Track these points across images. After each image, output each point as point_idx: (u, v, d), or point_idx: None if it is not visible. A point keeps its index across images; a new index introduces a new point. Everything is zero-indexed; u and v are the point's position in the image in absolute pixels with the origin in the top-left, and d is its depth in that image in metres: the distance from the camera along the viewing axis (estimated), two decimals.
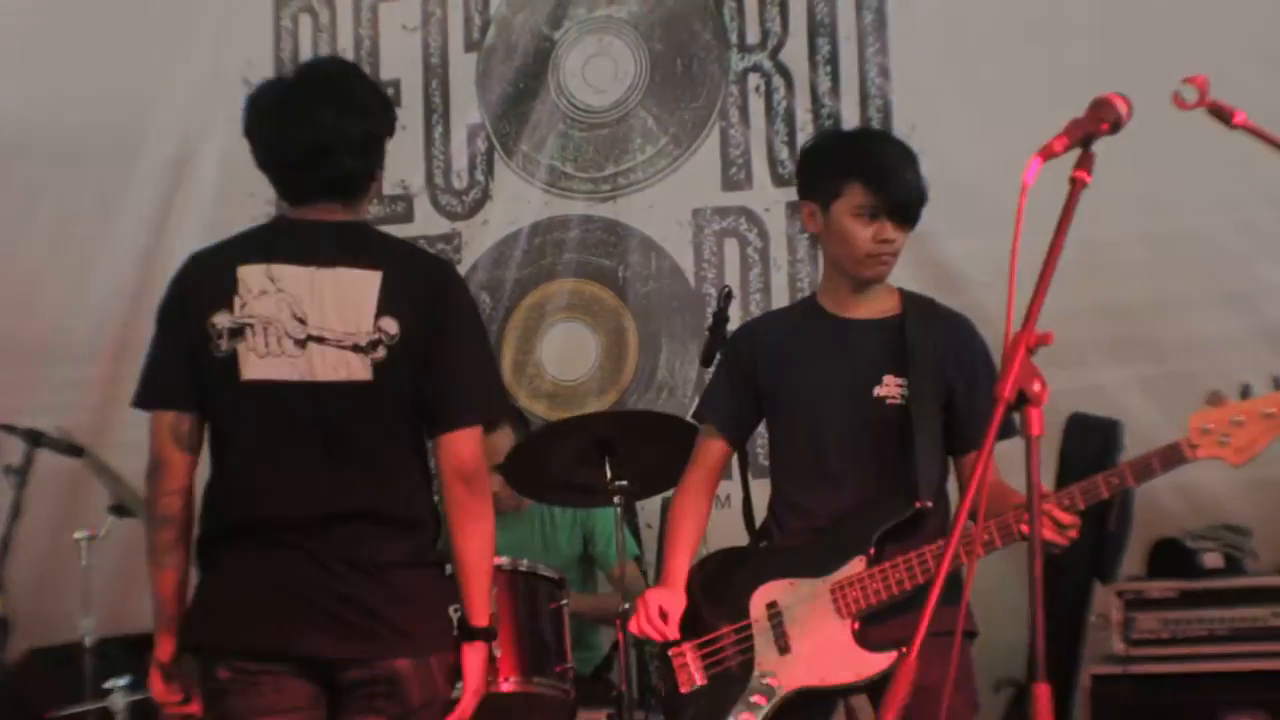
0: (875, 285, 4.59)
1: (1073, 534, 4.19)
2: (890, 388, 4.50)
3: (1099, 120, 3.22)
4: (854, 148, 4.71)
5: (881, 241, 4.48)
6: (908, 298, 4.64)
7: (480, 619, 4.14)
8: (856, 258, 4.52)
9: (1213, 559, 5.77)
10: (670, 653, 4.58)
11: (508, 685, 5.14)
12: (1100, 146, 3.31)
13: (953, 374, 4.53)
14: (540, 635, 5.30)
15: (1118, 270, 6.50)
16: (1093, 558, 5.60)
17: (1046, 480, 4.49)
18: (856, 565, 4.40)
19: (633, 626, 4.58)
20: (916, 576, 4.30)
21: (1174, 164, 6.26)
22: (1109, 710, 5.57)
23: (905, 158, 4.59)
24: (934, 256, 6.54)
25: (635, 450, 5.41)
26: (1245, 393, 4.11)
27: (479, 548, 4.14)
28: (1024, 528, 4.14)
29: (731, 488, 6.02)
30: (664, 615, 4.54)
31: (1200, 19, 6.54)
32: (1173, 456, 4.14)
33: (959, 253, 6.54)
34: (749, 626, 4.49)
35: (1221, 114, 3.07)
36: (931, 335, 4.55)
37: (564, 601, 5.34)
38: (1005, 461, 4.17)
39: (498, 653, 4.52)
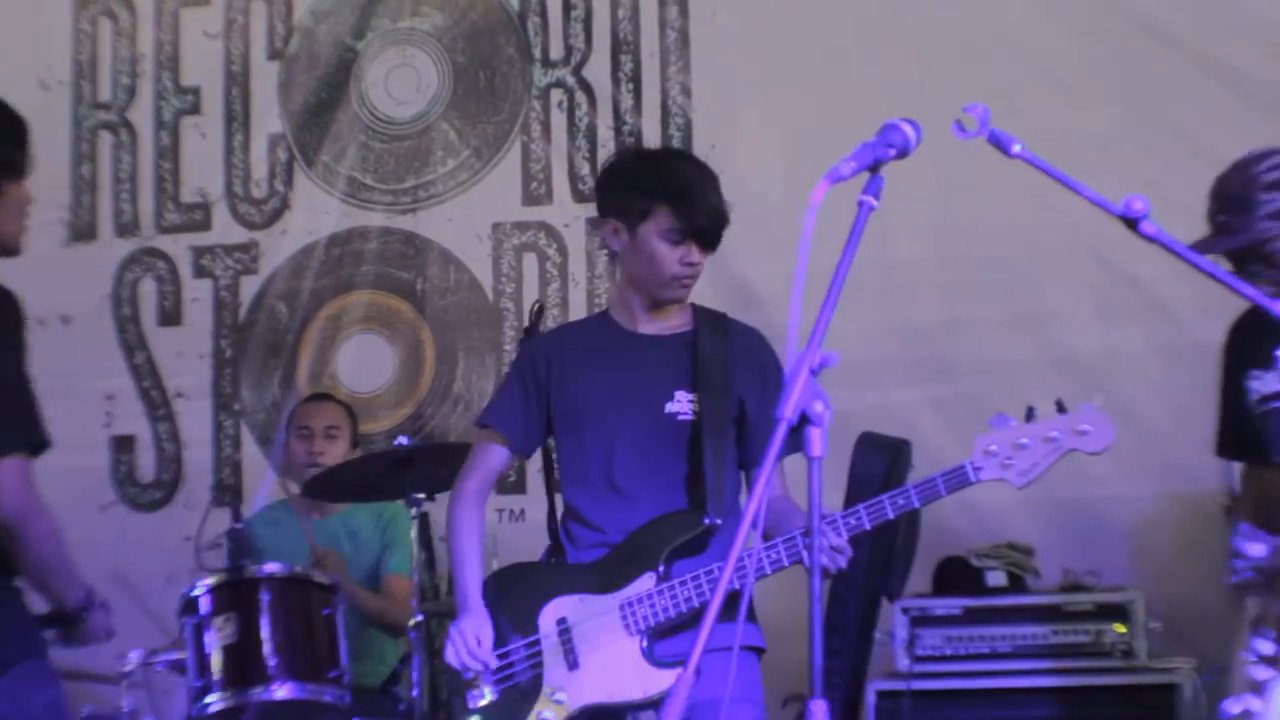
0: (673, 303, 4.63)
1: (842, 560, 4.25)
2: (682, 403, 4.54)
3: (887, 146, 3.26)
4: (664, 170, 4.71)
5: (687, 264, 4.52)
6: (699, 313, 4.68)
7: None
8: (662, 279, 4.55)
9: (996, 577, 5.86)
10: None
11: (282, 692, 5.12)
12: (900, 170, 3.37)
13: (744, 388, 4.57)
14: (313, 642, 5.28)
15: (912, 292, 6.60)
16: (880, 575, 5.66)
17: (836, 497, 4.57)
18: (646, 582, 4.42)
19: (451, 659, 4.52)
20: (705, 593, 4.31)
21: (970, 188, 6.35)
22: None
23: (711, 181, 4.63)
24: (732, 275, 6.60)
25: (432, 470, 5.45)
26: (1029, 415, 4.20)
27: (38, 546, 4.30)
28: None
29: (526, 502, 6.06)
30: (479, 643, 4.50)
31: (995, 46, 6.66)
32: (957, 478, 4.22)
33: (756, 272, 6.60)
34: (539, 642, 4.49)
35: (999, 143, 3.13)
36: (723, 350, 4.59)
37: (338, 607, 5.33)
38: (795, 478, 4.24)
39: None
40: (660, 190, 4.53)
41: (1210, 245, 4.05)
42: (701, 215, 4.52)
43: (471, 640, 4.50)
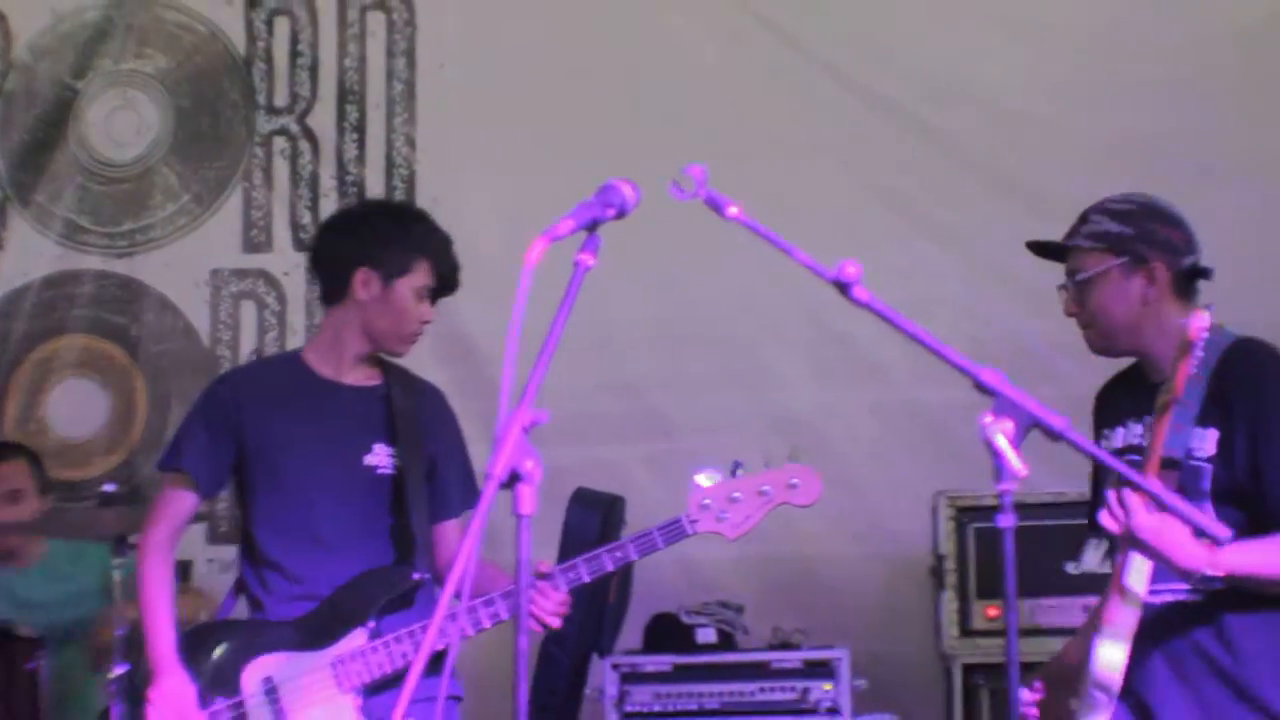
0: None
1: (561, 613, 4.27)
2: (380, 456, 4.52)
3: (605, 205, 3.28)
4: (425, 227, 4.70)
5: (424, 322, 4.54)
6: (387, 365, 4.66)
7: None
8: (401, 334, 4.55)
9: (706, 634, 5.91)
10: None
11: None
12: (620, 228, 3.40)
13: (432, 444, 4.57)
14: (11, 701, 5.15)
15: (629, 349, 6.66)
16: (591, 631, 5.68)
17: (547, 554, 4.58)
18: (357, 638, 4.38)
19: None
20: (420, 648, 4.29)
21: (688, 248, 6.42)
22: None
23: (449, 239, 4.67)
24: (452, 329, 6.57)
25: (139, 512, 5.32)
26: (735, 470, 4.28)
27: None
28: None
29: (233, 553, 5.96)
30: (182, 712, 4.36)
31: (720, 111, 6.75)
32: (674, 531, 4.28)
33: (476, 326, 6.57)
34: (243, 703, 4.41)
35: (716, 205, 3.17)
36: (413, 405, 4.59)
37: (41, 661, 5.20)
38: (501, 535, 4.23)
39: None
40: (424, 247, 4.56)
41: (1043, 247, 4.19)
42: (452, 275, 4.58)
43: (175, 704, 4.37)
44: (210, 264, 7.07)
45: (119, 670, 5.06)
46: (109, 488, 5.59)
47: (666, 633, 5.96)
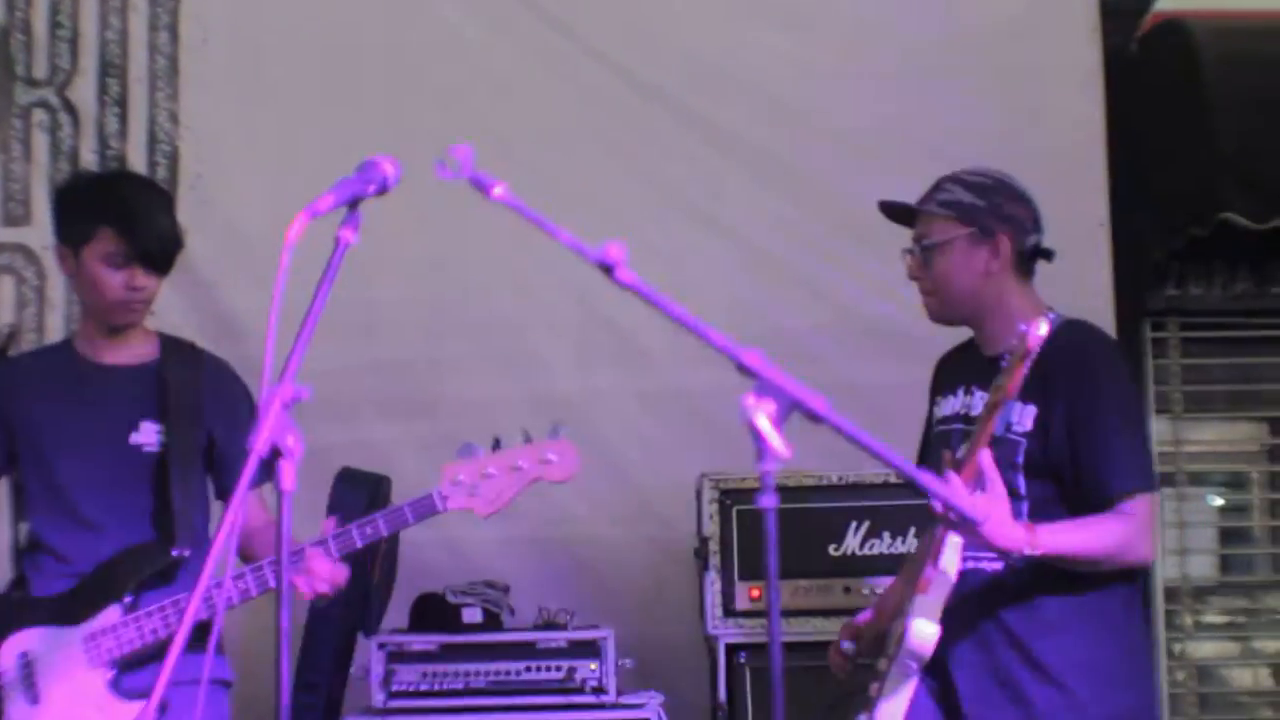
0: (132, 329, 4.54)
1: (337, 580, 4.24)
2: (148, 434, 4.48)
3: (366, 182, 3.29)
4: (105, 192, 4.64)
5: (132, 289, 4.44)
6: (166, 342, 4.62)
7: None
8: (107, 304, 4.48)
9: (473, 614, 5.91)
10: None
11: None
12: (384, 206, 3.39)
13: (213, 419, 4.53)
14: None
15: (395, 329, 6.61)
16: (356, 610, 5.65)
17: (317, 532, 4.55)
18: (112, 614, 4.34)
19: None
20: (171, 624, 4.26)
21: (455, 228, 6.41)
22: None
23: (160, 203, 4.58)
24: (217, 308, 6.52)
25: None
26: (496, 445, 4.27)
27: None
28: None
29: None
30: None
31: (488, 90, 6.75)
32: (425, 506, 4.27)
33: (239, 304, 6.51)
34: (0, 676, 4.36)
35: (481, 186, 3.17)
36: (192, 379, 4.54)
37: None
38: (270, 511, 4.21)
39: None
40: (101, 212, 4.46)
41: (895, 210, 4.27)
42: (145, 238, 4.44)
43: None
44: None
45: None
46: None
47: (433, 612, 5.94)
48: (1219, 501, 7.37)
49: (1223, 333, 7.14)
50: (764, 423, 3.08)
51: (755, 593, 5.82)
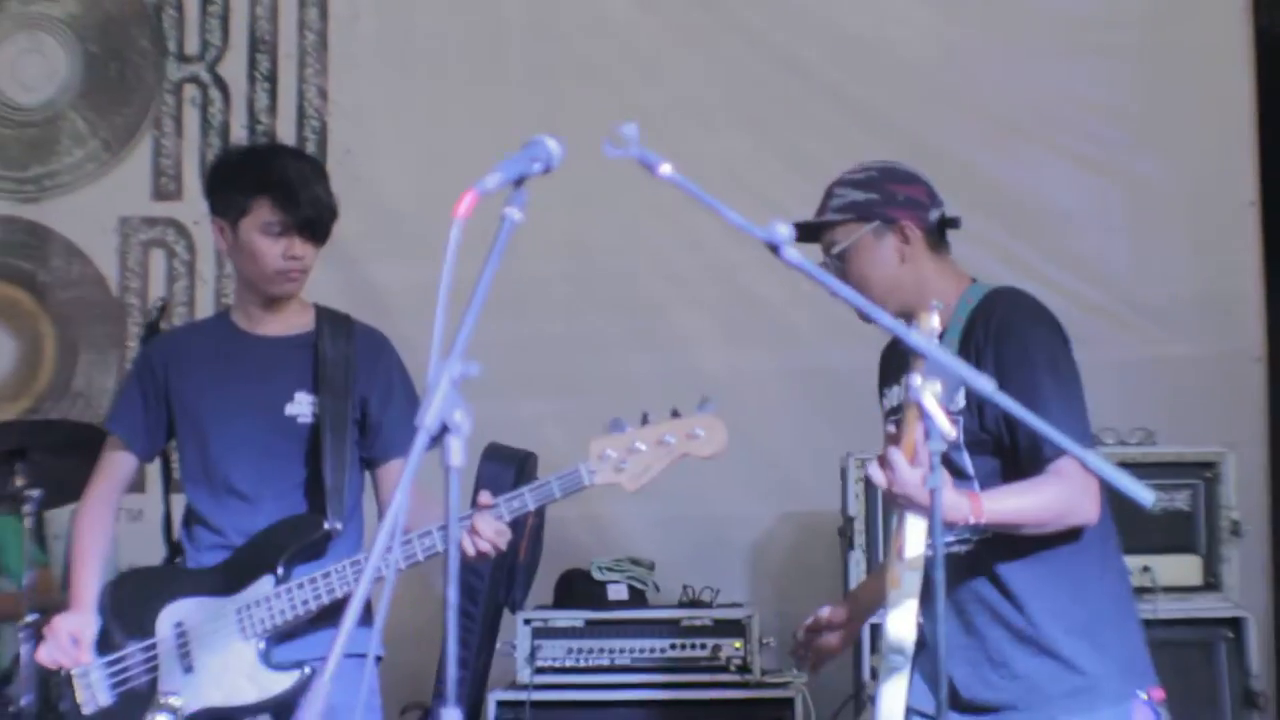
0: (288, 301, 4.58)
1: (500, 542, 4.25)
2: (302, 405, 4.51)
3: (532, 160, 3.28)
4: (261, 164, 4.65)
5: (290, 258, 4.48)
6: (321, 313, 4.64)
7: None
8: (266, 274, 4.51)
9: (618, 590, 5.93)
10: (74, 671, 4.46)
11: None
12: (532, 184, 3.39)
13: (365, 388, 4.55)
14: None
15: (539, 306, 6.64)
16: (503, 586, 5.69)
17: (463, 508, 4.57)
18: (264, 585, 4.37)
19: (42, 656, 4.43)
20: (322, 596, 4.28)
21: (600, 206, 6.43)
22: None
23: (314, 173, 4.59)
24: (364, 280, 6.59)
25: (48, 459, 5.25)
26: (644, 421, 4.25)
27: None
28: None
29: (144, 502, 5.92)
30: (75, 641, 4.41)
31: (631, 69, 6.76)
32: (572, 481, 4.24)
33: (389, 279, 6.58)
34: (155, 645, 4.41)
35: (648, 164, 3.16)
36: (345, 351, 4.56)
37: None
38: (422, 487, 4.22)
39: None
40: (258, 184, 4.47)
41: (803, 229, 4.22)
42: (302, 206, 4.46)
43: (66, 638, 4.40)
44: (119, 211, 7.00)
45: (30, 618, 5.05)
46: None
47: (578, 589, 5.97)
48: None
49: None
50: (931, 402, 3.06)
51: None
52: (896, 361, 4.20)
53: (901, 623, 3.78)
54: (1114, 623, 4.06)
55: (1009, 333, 3.94)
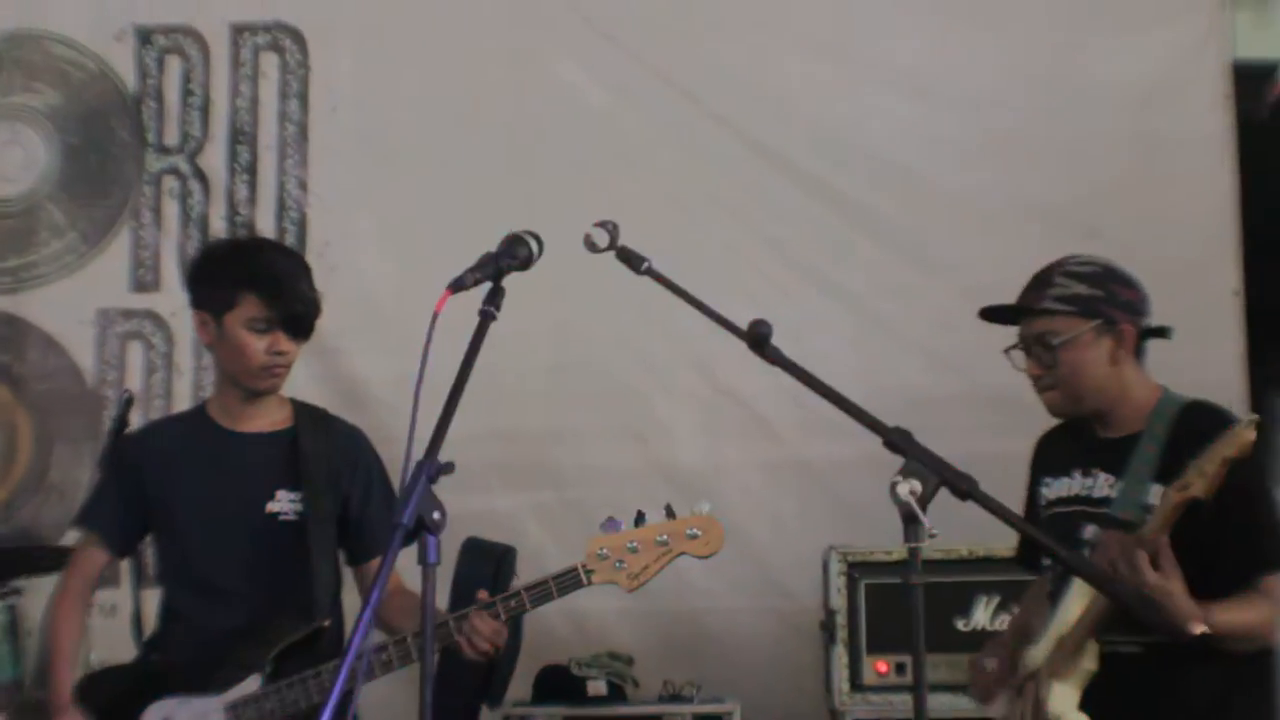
0: (268, 397, 4.57)
1: (499, 640, 4.23)
2: (283, 503, 4.49)
3: (510, 257, 3.29)
4: (248, 258, 4.67)
5: (275, 354, 4.47)
6: (299, 409, 4.64)
7: None
8: (250, 370, 4.50)
9: (597, 686, 5.88)
10: None
11: None
12: (511, 276, 3.38)
13: (348, 486, 4.55)
14: None
15: (520, 399, 6.61)
16: (481, 682, 5.63)
17: (440, 602, 4.54)
18: (252, 684, 4.35)
19: None
20: (313, 696, 4.26)
21: (581, 298, 6.41)
22: None
23: (299, 269, 4.60)
24: (341, 373, 6.57)
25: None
26: (639, 520, 4.24)
27: None
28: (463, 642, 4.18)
29: (118, 596, 5.87)
30: None
31: (613, 163, 6.76)
32: (570, 581, 4.24)
33: (367, 371, 6.56)
34: None
35: (630, 260, 3.16)
36: (325, 448, 4.56)
37: None
38: (408, 576, 4.20)
39: None
40: (245, 279, 4.49)
41: (1000, 308, 4.23)
42: (289, 303, 4.47)
43: None
44: (97, 303, 6.98)
45: None
46: None
47: (557, 684, 5.93)
48: None
49: None
50: (912, 500, 3.05)
51: (882, 667, 5.76)
52: (1064, 452, 4.23)
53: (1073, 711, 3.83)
54: None
55: (1247, 464, 3.89)
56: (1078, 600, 3.97)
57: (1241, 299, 6.64)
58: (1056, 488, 4.24)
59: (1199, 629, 3.79)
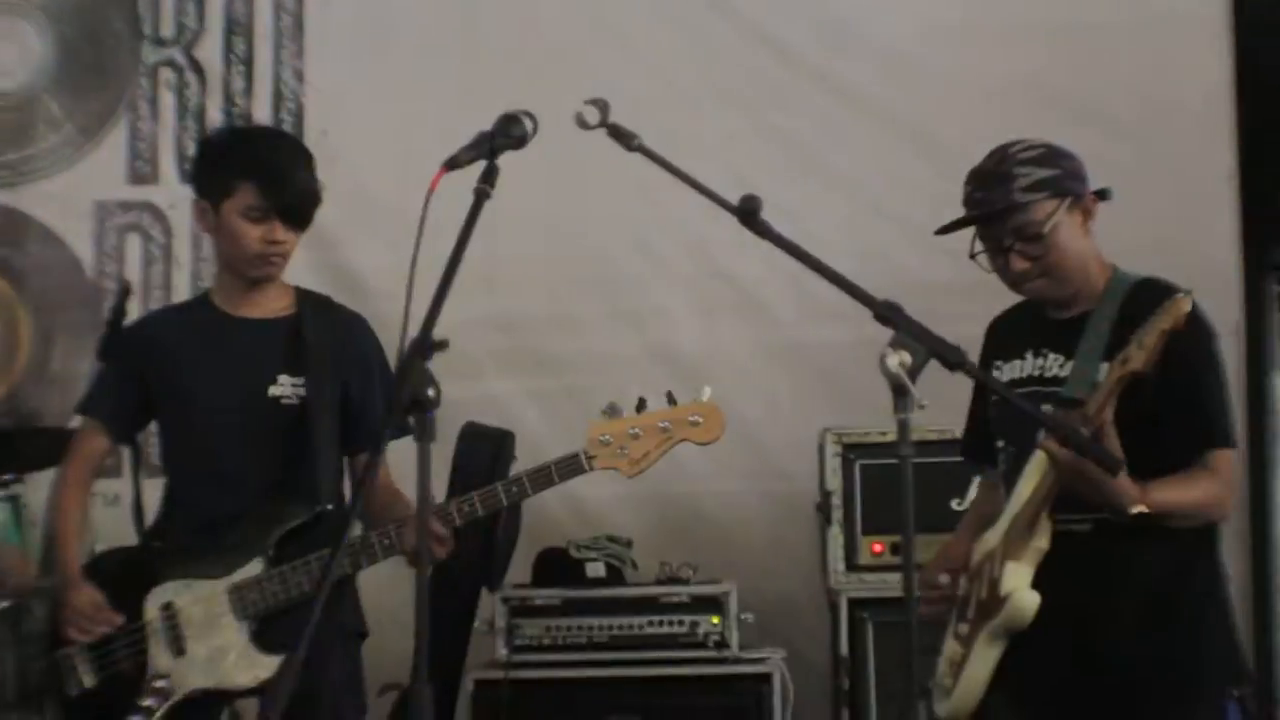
0: (269, 284, 4.59)
1: (447, 547, 4.27)
2: (286, 388, 4.52)
3: (505, 135, 3.31)
4: (248, 147, 4.69)
5: (271, 243, 4.48)
6: (302, 296, 4.66)
7: None
8: (246, 258, 4.52)
9: (595, 568, 5.94)
10: (58, 655, 4.46)
11: None
12: (506, 164, 3.40)
13: (348, 372, 4.57)
14: None
15: (517, 285, 6.64)
16: (481, 565, 5.69)
17: (438, 486, 4.59)
18: (255, 567, 4.39)
19: (74, 634, 4.43)
20: (316, 579, 4.29)
21: (577, 184, 6.43)
22: (490, 715, 5.67)
23: (298, 158, 4.60)
24: (340, 263, 6.59)
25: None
26: (641, 406, 4.28)
27: None
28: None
29: (121, 486, 5.92)
30: (98, 607, 4.43)
31: (608, 46, 6.75)
32: (571, 466, 4.28)
33: (365, 261, 6.57)
34: (142, 628, 4.42)
35: (621, 136, 3.18)
36: (327, 334, 4.58)
37: None
38: (398, 467, 4.24)
39: None
40: (243, 167, 4.49)
41: (968, 218, 4.21)
42: (285, 192, 4.48)
43: (89, 609, 4.42)
44: (95, 195, 6.98)
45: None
46: None
47: (555, 567, 5.98)
48: None
49: None
50: (902, 372, 3.07)
51: (878, 547, 5.82)
52: (1016, 334, 4.23)
53: (1027, 600, 3.89)
54: (1220, 616, 4.11)
55: (1187, 331, 3.89)
56: (1029, 479, 3.99)
57: (1236, 183, 6.64)
58: (1008, 370, 4.23)
59: (1137, 509, 3.82)
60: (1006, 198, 4.09)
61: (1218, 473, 4.01)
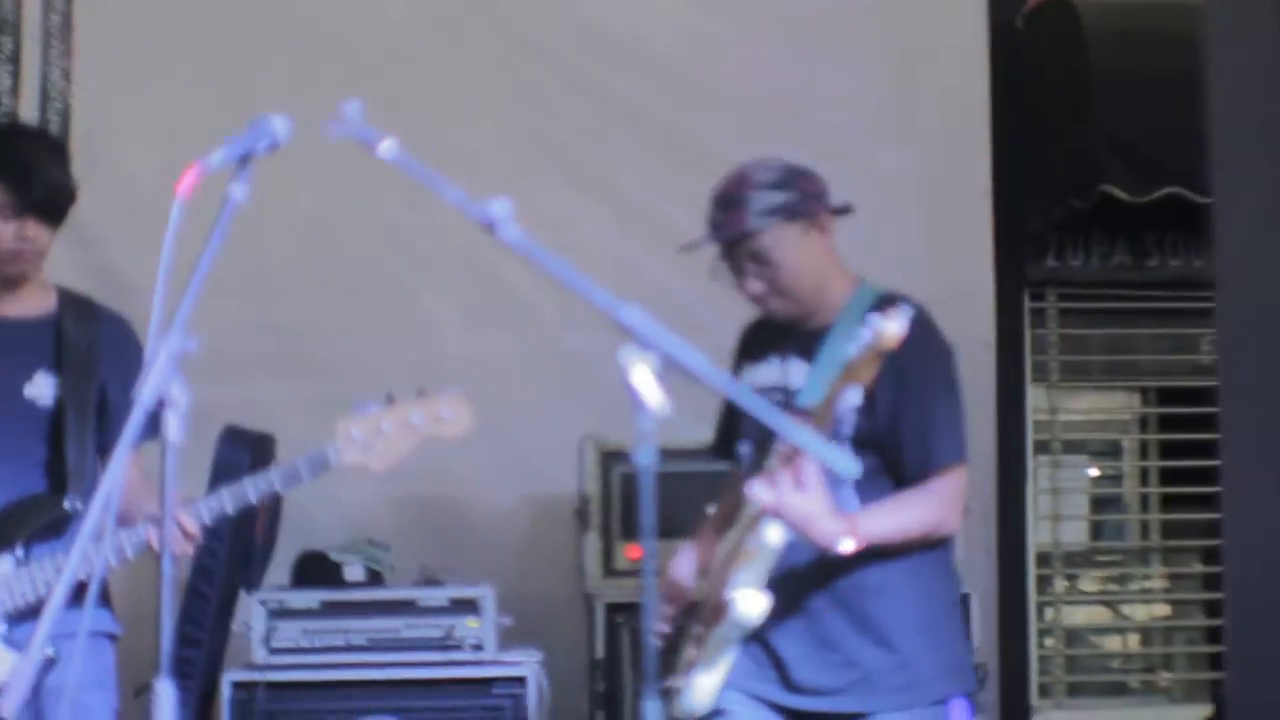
0: (28, 282, 4.56)
1: (194, 542, 4.27)
2: (41, 386, 4.48)
3: (257, 138, 3.33)
4: None
5: (22, 239, 4.46)
6: (64, 296, 4.63)
7: None
8: None
9: (354, 571, 5.96)
10: None
11: None
12: (273, 166, 3.42)
13: (107, 373, 4.55)
14: None
15: (282, 288, 6.64)
16: (239, 567, 5.70)
17: (200, 489, 4.58)
18: (4, 565, 4.35)
19: None
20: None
21: (342, 188, 6.42)
22: (247, 717, 5.66)
23: (52, 155, 4.59)
24: (105, 265, 6.51)
25: None
26: (389, 401, 4.31)
27: None
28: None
29: None
30: None
31: (376, 51, 6.76)
32: (319, 461, 4.29)
33: (129, 262, 6.50)
34: None
35: (367, 142, 3.22)
36: (88, 334, 4.55)
37: None
38: (152, 467, 4.23)
39: None
40: None
41: (703, 240, 4.28)
42: (37, 189, 4.45)
43: None
44: None
45: None
46: None
47: (315, 570, 5.98)
48: (1094, 472, 7.54)
49: (1100, 304, 7.28)
50: (641, 377, 3.14)
51: (634, 553, 5.91)
52: (767, 339, 4.31)
53: (753, 601, 3.95)
54: (950, 626, 4.23)
55: (909, 345, 3.94)
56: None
57: (990, 202, 6.83)
58: (756, 374, 4.34)
59: (845, 543, 3.94)
60: (740, 224, 4.18)
61: (934, 492, 4.13)
